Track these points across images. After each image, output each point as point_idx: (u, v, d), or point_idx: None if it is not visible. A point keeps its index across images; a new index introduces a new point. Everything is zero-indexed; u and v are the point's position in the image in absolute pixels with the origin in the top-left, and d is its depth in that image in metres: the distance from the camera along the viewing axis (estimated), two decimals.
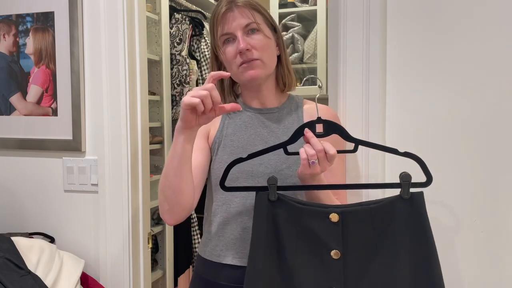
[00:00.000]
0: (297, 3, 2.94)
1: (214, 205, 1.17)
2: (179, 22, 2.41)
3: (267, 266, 0.99)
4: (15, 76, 1.61)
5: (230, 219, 1.13)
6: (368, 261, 0.98)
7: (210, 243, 1.16)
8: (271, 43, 1.14)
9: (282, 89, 1.20)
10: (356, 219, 0.98)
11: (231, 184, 1.08)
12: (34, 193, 1.60)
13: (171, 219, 1.07)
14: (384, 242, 0.98)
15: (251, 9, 1.11)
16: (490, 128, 1.15)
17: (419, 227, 0.97)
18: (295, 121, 1.17)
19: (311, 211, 0.99)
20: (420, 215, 0.97)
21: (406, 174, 0.98)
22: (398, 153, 0.99)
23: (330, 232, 0.97)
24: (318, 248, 0.98)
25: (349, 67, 1.22)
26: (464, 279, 1.18)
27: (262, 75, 1.12)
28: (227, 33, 1.11)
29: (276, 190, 0.99)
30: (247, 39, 1.10)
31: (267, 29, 1.14)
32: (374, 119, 1.21)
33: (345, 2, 1.22)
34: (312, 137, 0.99)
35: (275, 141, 1.13)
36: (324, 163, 0.98)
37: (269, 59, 1.13)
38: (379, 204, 0.98)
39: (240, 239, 1.12)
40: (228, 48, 1.12)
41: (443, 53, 1.17)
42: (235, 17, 1.10)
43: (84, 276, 1.46)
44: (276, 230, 0.99)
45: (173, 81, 2.40)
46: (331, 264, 0.97)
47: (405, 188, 0.97)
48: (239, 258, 1.11)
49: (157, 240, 2.42)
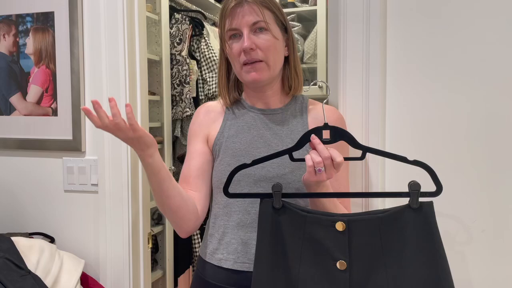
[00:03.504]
0: (297, 3, 2.94)
1: (216, 207, 1.16)
2: (179, 22, 2.41)
3: (271, 276, 0.96)
4: (15, 76, 1.61)
5: (232, 223, 1.12)
6: (375, 273, 0.94)
7: (211, 246, 1.15)
8: (278, 44, 1.10)
9: (287, 91, 1.17)
10: (363, 228, 0.94)
11: (233, 187, 1.06)
12: (34, 193, 1.60)
13: (183, 232, 1.11)
14: (392, 253, 0.94)
15: (262, 6, 1.08)
16: (491, 128, 1.15)
17: (429, 239, 0.92)
18: (299, 124, 1.14)
19: (316, 219, 0.96)
20: (430, 226, 0.92)
21: (415, 183, 0.93)
22: (407, 161, 0.95)
23: (335, 242, 0.94)
24: (323, 258, 0.95)
25: (349, 67, 1.22)
26: (465, 280, 1.18)
27: (265, 78, 1.09)
28: (234, 28, 1.09)
29: (281, 198, 0.96)
30: (253, 37, 1.07)
31: (277, 29, 1.10)
32: (374, 119, 1.21)
33: (345, 2, 1.22)
34: (319, 143, 0.96)
35: (278, 144, 1.11)
36: (330, 171, 0.95)
37: (274, 61, 1.10)
38: (387, 214, 0.94)
39: (241, 243, 1.10)
40: (234, 44, 1.09)
41: (444, 52, 1.17)
42: (244, 13, 1.07)
43: (84, 276, 1.46)
44: (280, 238, 0.97)
45: (173, 81, 2.40)
46: (337, 276, 0.94)
47: (414, 198, 0.93)
48: (241, 263, 1.10)
49: (157, 240, 2.42)
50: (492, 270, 1.16)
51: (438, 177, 0.94)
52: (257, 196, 1.00)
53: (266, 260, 0.97)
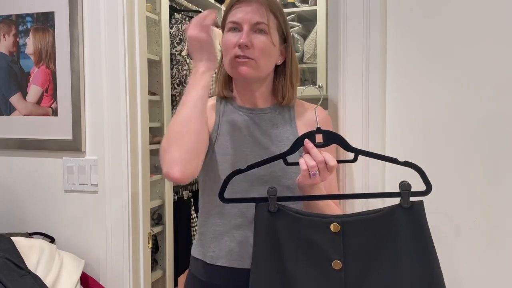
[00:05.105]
0: (297, 3, 2.94)
1: (207, 206, 1.16)
2: (179, 22, 2.41)
3: (268, 278, 0.98)
4: (15, 76, 1.61)
5: (224, 221, 1.12)
6: (369, 271, 0.97)
7: (204, 244, 1.16)
8: (273, 50, 1.11)
9: (280, 101, 1.16)
10: (357, 228, 0.97)
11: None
12: (34, 193, 1.60)
13: (183, 169, 0.99)
14: (385, 251, 0.97)
15: (268, 10, 1.09)
16: (491, 128, 1.15)
17: (420, 236, 0.96)
18: (287, 123, 1.16)
19: (312, 221, 0.98)
20: (420, 224, 0.96)
21: (406, 183, 0.97)
22: (398, 162, 0.99)
23: (331, 243, 0.97)
24: (319, 259, 0.97)
25: (349, 67, 1.22)
26: (464, 280, 1.18)
27: (252, 75, 1.10)
28: (235, 21, 1.10)
29: (276, 201, 0.98)
30: (252, 36, 1.08)
31: (276, 35, 1.12)
32: (374, 119, 1.21)
33: (345, 2, 1.22)
34: (313, 148, 0.98)
35: (268, 143, 1.12)
36: (324, 174, 0.98)
37: (265, 64, 1.11)
38: (380, 214, 0.98)
39: (235, 241, 1.11)
40: (231, 36, 1.10)
41: (444, 52, 1.17)
42: (249, 11, 1.09)
43: (84, 276, 1.46)
44: (277, 241, 0.99)
45: (173, 81, 2.40)
46: (333, 275, 0.97)
47: (405, 197, 0.96)
48: (234, 260, 1.11)
49: (157, 240, 2.43)
50: (492, 269, 1.17)
51: (427, 177, 0.97)
52: (253, 201, 1.01)
53: (263, 263, 0.98)
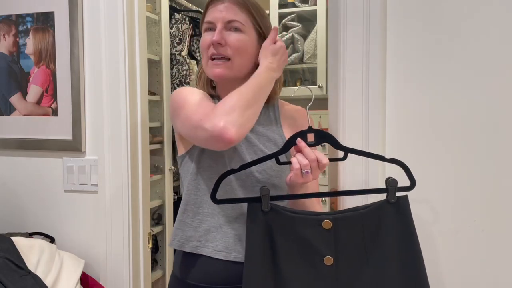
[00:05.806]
0: (297, 3, 2.94)
1: (192, 194, 1.12)
2: (179, 22, 2.41)
3: (262, 276, 0.99)
4: (15, 76, 1.61)
5: (214, 210, 1.10)
6: (360, 266, 1.01)
7: (187, 233, 1.12)
8: (249, 48, 1.10)
9: None
10: (348, 225, 1.01)
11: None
12: (34, 193, 1.60)
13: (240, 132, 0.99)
14: (374, 246, 1.01)
15: (242, 7, 1.09)
16: (490, 128, 1.15)
17: (405, 229, 1.01)
18: (272, 123, 1.17)
19: (304, 219, 1.01)
20: (406, 218, 1.01)
21: (392, 179, 1.02)
22: (385, 159, 1.04)
23: (323, 239, 0.99)
24: (311, 255, 1.00)
25: (349, 67, 1.22)
26: (464, 279, 1.18)
27: (228, 76, 1.10)
28: (209, 21, 1.11)
29: (269, 201, 1.00)
30: (225, 34, 1.08)
31: (252, 33, 1.11)
32: (374, 119, 1.21)
33: (345, 3, 1.22)
34: (305, 146, 1.01)
35: (255, 139, 1.12)
36: (316, 172, 1.01)
37: (241, 63, 1.10)
38: (368, 209, 1.01)
39: (218, 228, 1.09)
40: (206, 36, 1.11)
41: (444, 53, 1.17)
42: (222, 9, 1.09)
43: (84, 276, 1.46)
44: (270, 240, 1.00)
45: (173, 81, 2.40)
46: (325, 270, 1.00)
47: (391, 193, 1.01)
48: (219, 251, 1.08)
49: (157, 240, 2.43)
50: (491, 269, 1.17)
51: (411, 173, 1.03)
52: (245, 201, 1.02)
53: (256, 261, 1.00)
